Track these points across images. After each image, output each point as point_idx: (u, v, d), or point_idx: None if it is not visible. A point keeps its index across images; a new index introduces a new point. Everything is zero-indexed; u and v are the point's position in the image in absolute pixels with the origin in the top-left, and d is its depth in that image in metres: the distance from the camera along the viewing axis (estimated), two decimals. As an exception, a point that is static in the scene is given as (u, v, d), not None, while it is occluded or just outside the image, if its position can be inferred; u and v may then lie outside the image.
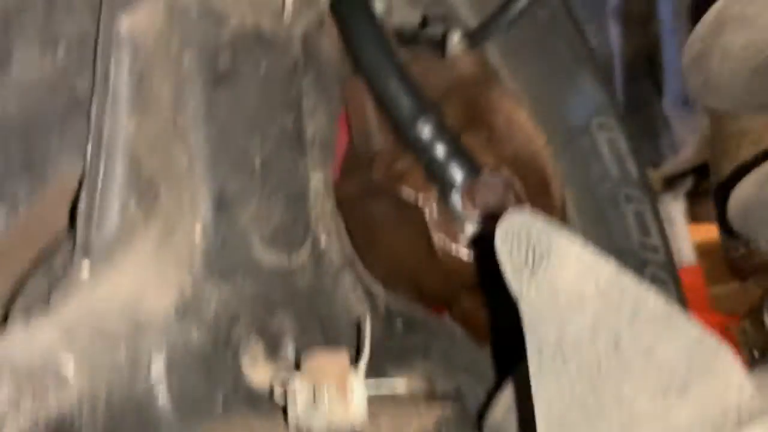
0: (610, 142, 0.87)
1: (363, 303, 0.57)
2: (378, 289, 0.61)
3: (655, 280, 0.87)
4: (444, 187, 0.53)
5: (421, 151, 0.54)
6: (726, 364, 0.29)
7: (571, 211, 0.87)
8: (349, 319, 0.53)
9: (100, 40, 0.48)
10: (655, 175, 2.08)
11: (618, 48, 1.65)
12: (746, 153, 0.65)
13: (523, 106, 0.63)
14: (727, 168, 0.68)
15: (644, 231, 0.87)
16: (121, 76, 0.48)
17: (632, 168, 0.88)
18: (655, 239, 0.87)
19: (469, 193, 0.52)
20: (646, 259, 0.87)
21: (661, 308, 0.30)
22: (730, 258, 0.81)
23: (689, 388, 0.29)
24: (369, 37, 0.54)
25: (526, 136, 0.62)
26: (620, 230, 0.87)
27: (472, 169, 0.53)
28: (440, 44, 0.67)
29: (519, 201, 0.56)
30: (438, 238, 0.54)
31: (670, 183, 1.99)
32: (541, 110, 0.86)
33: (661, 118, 1.44)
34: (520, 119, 0.63)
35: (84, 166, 0.48)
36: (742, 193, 0.40)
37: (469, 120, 0.60)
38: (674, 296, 0.86)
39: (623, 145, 0.87)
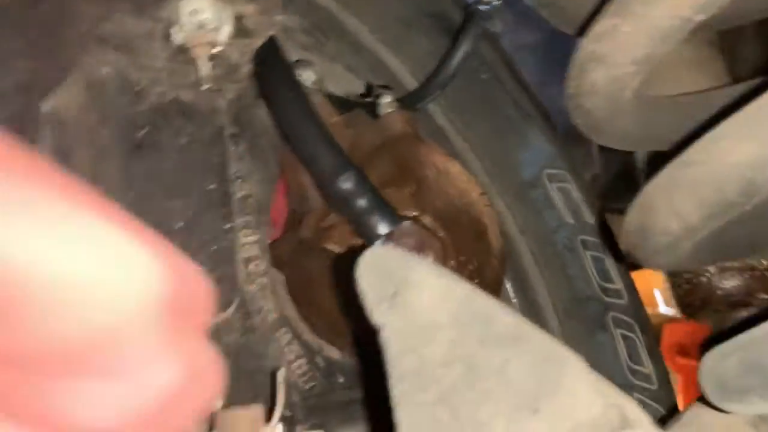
0: (562, 191, 0.89)
1: (300, 359, 0.58)
2: (318, 345, 0.62)
3: (619, 325, 0.87)
4: (368, 239, 0.55)
5: (344, 206, 0.56)
6: (575, 380, 0.30)
7: (528, 260, 0.88)
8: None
9: (28, 120, 0.51)
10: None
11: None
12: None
13: (454, 160, 0.65)
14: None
15: (604, 276, 0.87)
16: (45, 151, 0.51)
17: (587, 215, 0.89)
18: (616, 283, 0.87)
19: (390, 243, 0.53)
20: (609, 303, 0.87)
21: (512, 327, 0.31)
22: (676, 294, 0.80)
23: (540, 407, 0.29)
24: (287, 99, 0.57)
25: (458, 188, 0.64)
26: (581, 277, 0.87)
27: (394, 220, 0.54)
28: (374, 107, 0.70)
29: (443, 246, 0.57)
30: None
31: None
32: (491, 165, 0.89)
33: (639, 160, 1.45)
34: (452, 171, 0.64)
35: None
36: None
37: (398, 175, 0.61)
38: (640, 338, 0.85)
39: (576, 194, 0.89)
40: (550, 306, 0.86)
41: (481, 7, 0.73)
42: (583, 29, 0.53)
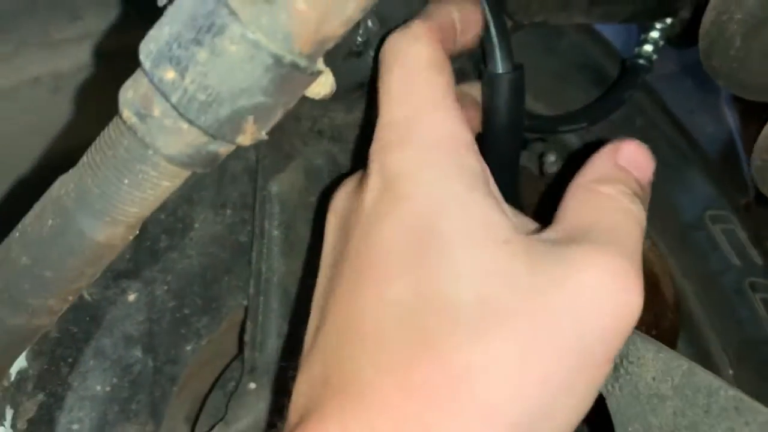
0: (726, 233, 0.88)
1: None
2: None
3: (798, 369, 0.84)
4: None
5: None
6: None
7: (694, 304, 0.88)
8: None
9: (257, 200, 0.60)
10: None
11: (738, 132, 1.63)
12: None
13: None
14: None
15: (778, 319, 0.85)
16: (273, 226, 0.60)
17: (755, 256, 0.88)
18: (791, 327, 0.85)
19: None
20: (784, 348, 0.84)
21: (734, 399, 0.34)
22: None
23: (768, 473, 0.33)
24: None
25: (629, 240, 0.67)
26: (751, 321, 0.86)
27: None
28: (538, 162, 0.74)
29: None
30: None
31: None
32: (651, 210, 0.90)
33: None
34: (620, 225, 0.68)
35: (248, 302, 0.60)
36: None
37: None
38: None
39: (742, 234, 0.88)
40: (721, 351, 0.85)
41: (641, 62, 0.76)
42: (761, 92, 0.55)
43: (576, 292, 0.25)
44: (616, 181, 0.32)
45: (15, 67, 0.56)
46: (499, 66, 0.48)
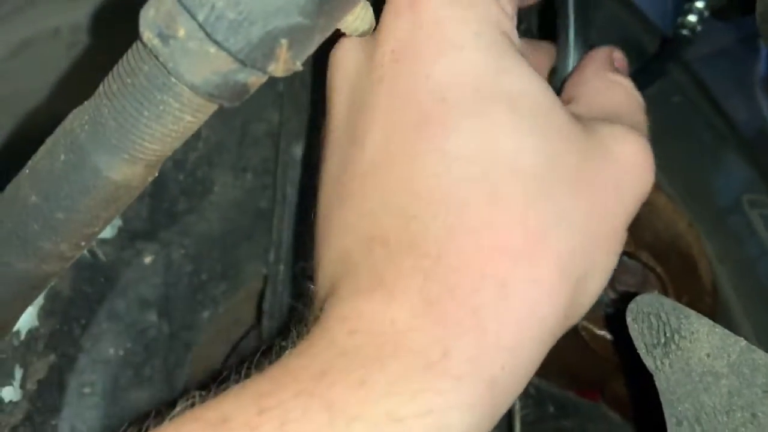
0: (764, 218, 0.85)
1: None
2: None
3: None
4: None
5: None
6: None
7: (729, 291, 0.84)
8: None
9: (279, 165, 0.58)
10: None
11: (772, 118, 1.58)
12: None
13: (660, 191, 0.65)
14: None
15: (816, 309, 0.81)
16: (292, 189, 0.58)
17: (794, 244, 0.84)
18: (830, 316, 0.81)
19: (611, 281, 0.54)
20: (822, 338, 0.81)
21: (797, 382, 0.32)
22: None
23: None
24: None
25: (666, 220, 0.64)
26: (787, 310, 0.82)
27: (611, 255, 0.55)
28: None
29: (661, 283, 0.58)
30: (581, 323, 0.56)
31: None
32: (686, 192, 0.86)
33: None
34: (658, 204, 0.64)
35: (267, 270, 0.58)
36: None
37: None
38: None
39: (780, 220, 0.84)
40: (756, 342, 0.81)
41: (683, 32, 0.72)
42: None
43: (619, 160, 0.29)
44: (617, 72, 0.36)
45: (31, 18, 0.54)
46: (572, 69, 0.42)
